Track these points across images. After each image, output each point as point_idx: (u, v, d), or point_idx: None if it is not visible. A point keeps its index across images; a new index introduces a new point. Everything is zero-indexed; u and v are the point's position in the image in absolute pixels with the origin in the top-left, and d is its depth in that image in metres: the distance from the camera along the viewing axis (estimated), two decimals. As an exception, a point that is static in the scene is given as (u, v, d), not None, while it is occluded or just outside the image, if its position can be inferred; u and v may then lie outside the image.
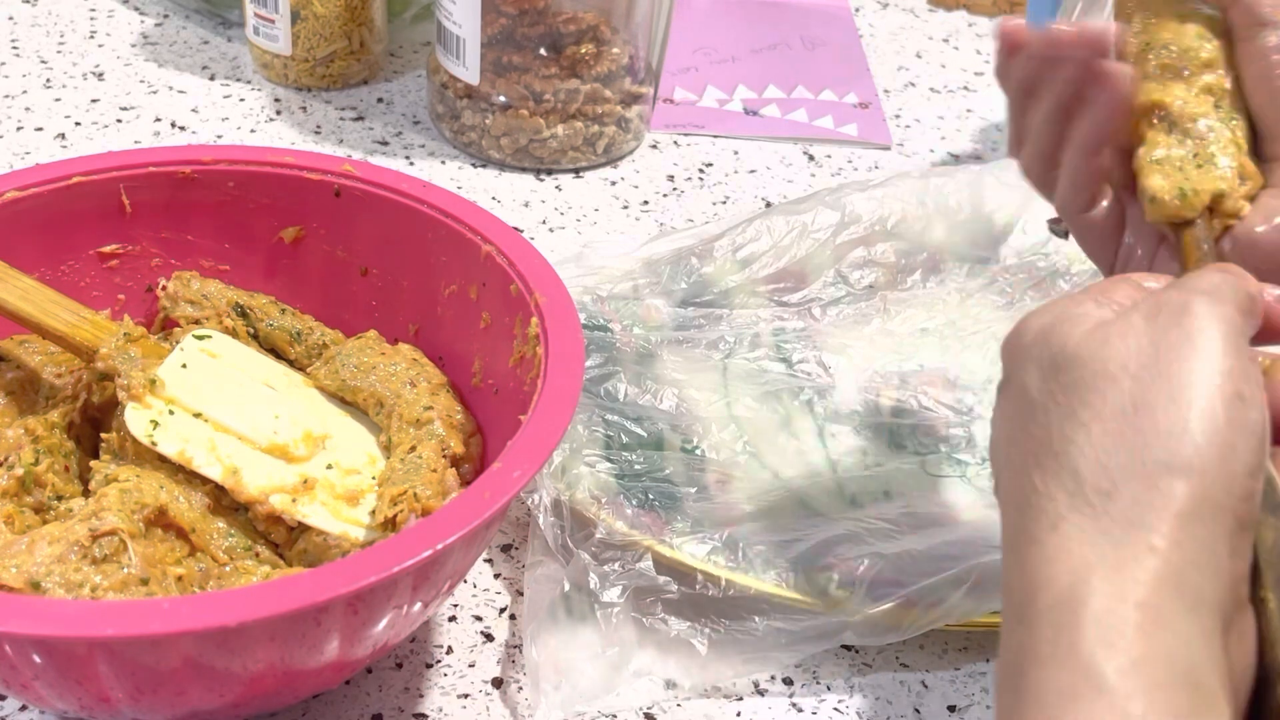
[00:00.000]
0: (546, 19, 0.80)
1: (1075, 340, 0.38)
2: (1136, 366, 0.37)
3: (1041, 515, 0.36)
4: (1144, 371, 0.37)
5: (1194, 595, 0.34)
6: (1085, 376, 0.37)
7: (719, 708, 0.53)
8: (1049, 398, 0.38)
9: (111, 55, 0.92)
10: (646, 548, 0.54)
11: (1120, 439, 0.36)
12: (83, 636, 0.39)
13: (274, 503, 0.52)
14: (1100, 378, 0.37)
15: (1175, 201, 0.48)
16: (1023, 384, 0.39)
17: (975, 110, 0.96)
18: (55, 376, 0.56)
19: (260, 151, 0.60)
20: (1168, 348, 0.37)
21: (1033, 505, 0.37)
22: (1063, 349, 0.38)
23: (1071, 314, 0.40)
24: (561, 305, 0.52)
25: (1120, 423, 0.36)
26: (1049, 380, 0.38)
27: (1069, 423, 0.37)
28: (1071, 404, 0.37)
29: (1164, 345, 0.37)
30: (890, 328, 0.67)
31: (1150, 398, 0.36)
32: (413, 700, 0.52)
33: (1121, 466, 0.35)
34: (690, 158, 0.87)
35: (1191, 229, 0.47)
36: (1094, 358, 0.37)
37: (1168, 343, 0.37)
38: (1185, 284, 0.39)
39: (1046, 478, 0.37)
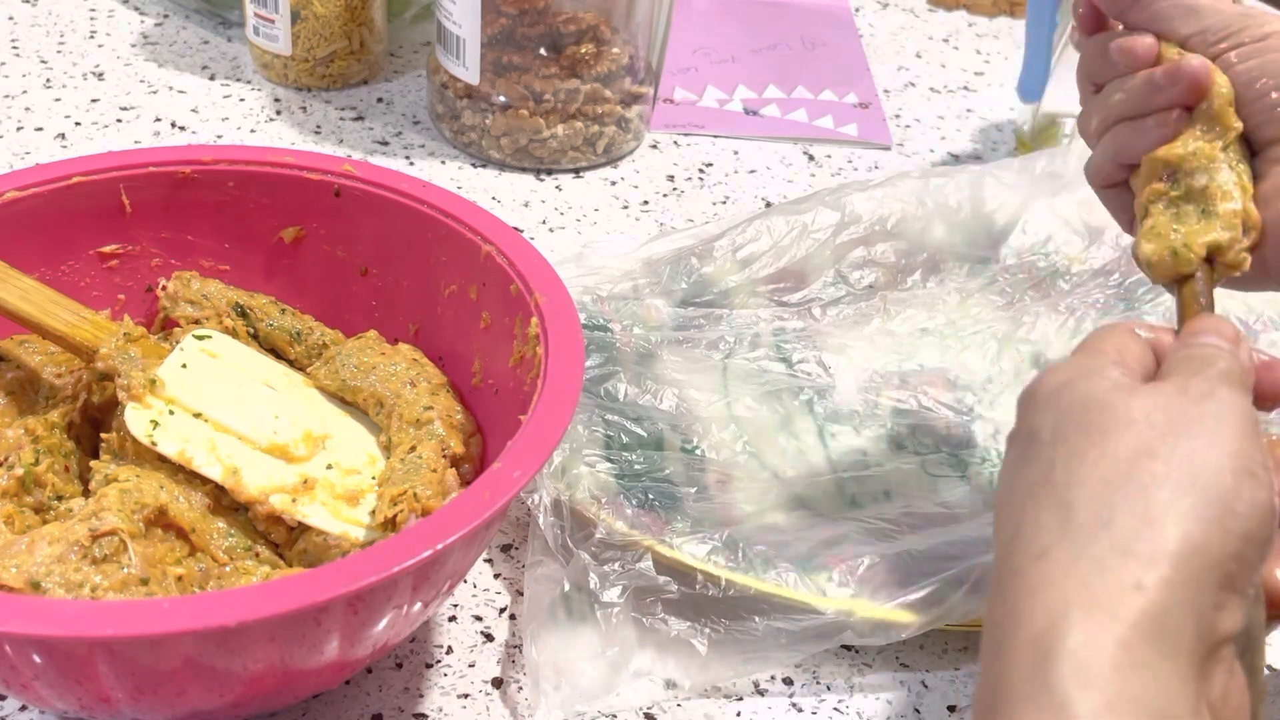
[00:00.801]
0: (546, 19, 0.80)
1: (1104, 390, 0.39)
2: (1161, 422, 0.38)
3: (1029, 545, 0.36)
4: (1165, 427, 0.37)
5: (1174, 639, 0.34)
6: (1105, 421, 0.38)
7: (719, 708, 0.53)
8: (1058, 437, 0.38)
9: (111, 55, 0.92)
10: (646, 548, 0.54)
11: (1126, 478, 0.36)
12: (83, 636, 0.39)
13: (274, 503, 0.52)
14: (1120, 423, 0.38)
15: (1168, 261, 0.48)
16: (1033, 429, 0.40)
17: (975, 110, 0.96)
18: (55, 376, 0.56)
19: (260, 151, 0.60)
20: (1190, 417, 0.38)
21: (1022, 535, 0.37)
22: (1090, 396, 0.39)
23: (1096, 369, 0.40)
24: (561, 305, 0.52)
25: (1127, 465, 0.37)
26: (1064, 422, 0.39)
27: (1075, 459, 0.37)
28: (1082, 444, 0.38)
29: (1187, 414, 0.38)
30: (890, 328, 0.67)
31: (1163, 450, 0.37)
32: (413, 700, 0.52)
33: (1122, 500, 0.36)
34: (690, 158, 0.87)
35: (1190, 283, 0.48)
36: (1117, 405, 0.38)
37: (1190, 414, 0.38)
38: (1210, 371, 0.40)
39: (1039, 508, 0.37)
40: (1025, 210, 0.73)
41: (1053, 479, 0.37)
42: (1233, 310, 0.69)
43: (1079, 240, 0.73)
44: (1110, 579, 0.34)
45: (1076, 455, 0.37)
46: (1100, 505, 0.36)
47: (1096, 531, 0.35)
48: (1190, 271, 0.48)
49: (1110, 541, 0.35)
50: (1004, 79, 0.99)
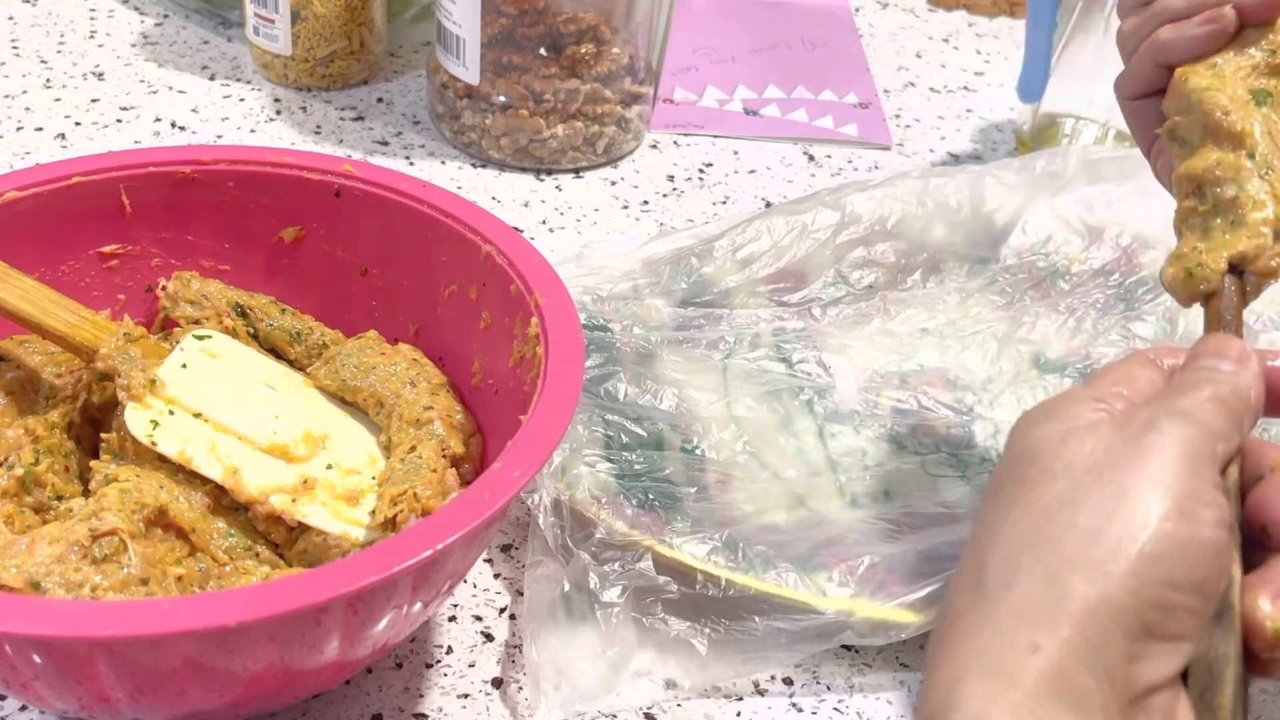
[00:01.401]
0: (546, 19, 0.80)
1: (1037, 437, 0.38)
2: (1081, 469, 0.36)
3: (948, 609, 0.36)
4: (1086, 475, 0.36)
5: (1079, 698, 0.33)
6: (1032, 473, 0.37)
7: (719, 708, 0.53)
8: (995, 490, 0.38)
9: (111, 55, 0.92)
10: (646, 548, 0.54)
11: (1036, 534, 0.35)
12: (83, 636, 0.39)
13: (274, 503, 0.52)
14: (1044, 475, 0.37)
15: (1185, 282, 0.47)
16: (994, 476, 0.39)
17: (975, 110, 0.96)
18: (55, 376, 0.56)
19: (260, 151, 0.60)
20: (1119, 457, 0.36)
21: (948, 598, 0.36)
22: (1024, 445, 0.38)
23: (1056, 409, 0.39)
24: (561, 305, 0.52)
25: (1042, 519, 0.36)
26: (1003, 474, 0.38)
27: (999, 516, 0.37)
28: (1009, 499, 0.37)
29: (1116, 455, 0.36)
30: (890, 328, 0.67)
31: (1080, 498, 0.36)
32: (413, 700, 0.52)
33: (1029, 561, 0.35)
34: (690, 158, 0.87)
35: (1215, 300, 0.46)
36: (1046, 454, 0.37)
37: (1121, 453, 0.37)
38: (1163, 401, 0.39)
39: (962, 570, 0.36)
40: (1025, 210, 0.73)
41: (979, 538, 0.37)
42: (1233, 310, 0.69)
43: (1079, 240, 0.73)
44: (1007, 643, 0.34)
45: (1002, 512, 0.37)
46: (1007, 566, 0.35)
47: (1000, 593, 0.35)
48: (1211, 289, 0.46)
49: (1011, 604, 0.34)
50: (1004, 79, 0.99)
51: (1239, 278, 0.46)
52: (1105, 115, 0.84)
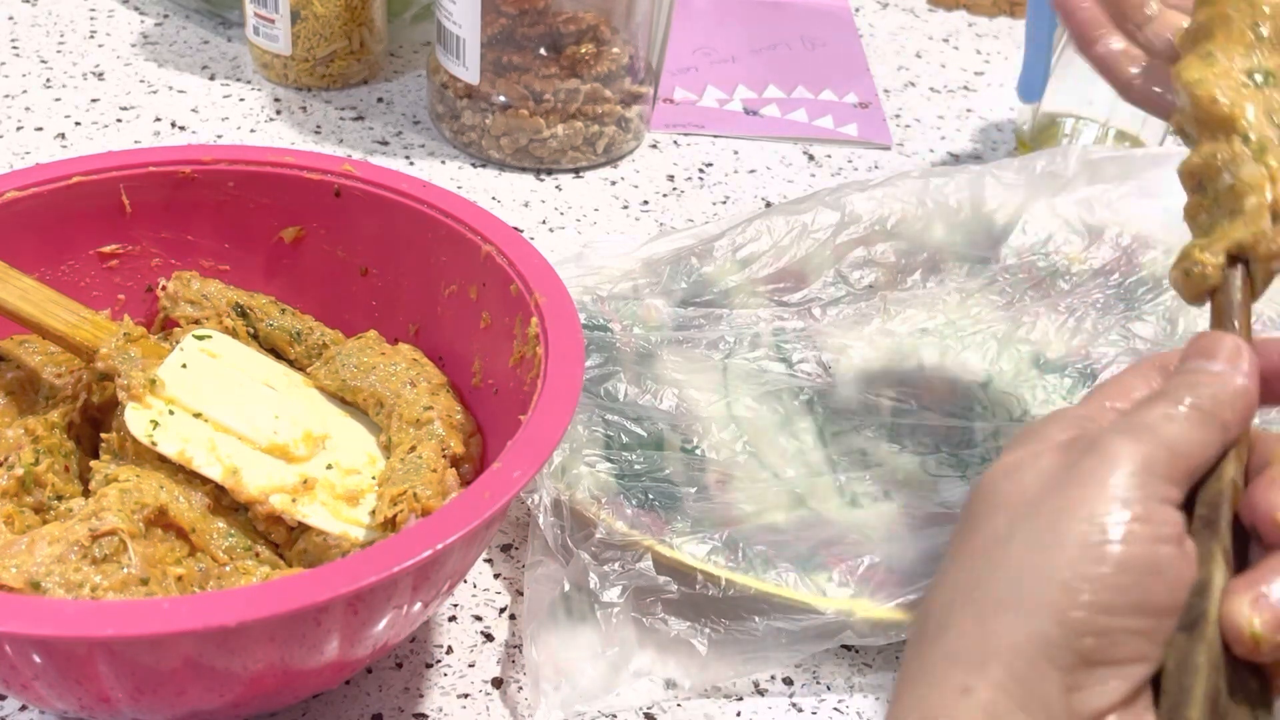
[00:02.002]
0: (546, 19, 0.80)
1: (992, 472, 0.37)
2: (1019, 502, 0.36)
3: (902, 664, 0.35)
4: (1024, 508, 0.35)
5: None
6: (979, 511, 0.36)
7: (719, 708, 0.53)
8: (955, 532, 0.37)
9: (111, 55, 0.92)
10: (646, 548, 0.54)
11: (971, 575, 0.35)
12: (83, 636, 0.39)
13: (274, 503, 0.52)
14: (987, 511, 0.36)
15: (1183, 282, 0.45)
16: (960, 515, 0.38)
17: (975, 110, 0.96)
18: (55, 376, 0.56)
19: (260, 151, 0.60)
20: (1055, 485, 0.36)
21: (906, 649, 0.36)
22: (982, 480, 0.37)
23: (1029, 436, 0.38)
24: (561, 305, 0.52)
25: (979, 559, 0.35)
26: (963, 512, 0.37)
27: (949, 561, 0.36)
28: (957, 542, 0.36)
29: (1055, 482, 0.36)
30: (890, 328, 0.67)
31: (1014, 533, 0.35)
32: (413, 700, 0.52)
33: (960, 603, 0.34)
34: (690, 158, 0.87)
35: (1218, 296, 0.44)
36: (994, 492, 0.37)
37: (1059, 480, 0.36)
38: (1124, 416, 0.38)
39: (914, 621, 0.36)
40: (1025, 210, 0.73)
41: (932, 584, 0.36)
42: (1233, 310, 0.69)
43: (1079, 240, 0.73)
44: (939, 688, 0.33)
45: (951, 555, 0.36)
46: (945, 610, 0.35)
47: (936, 638, 0.34)
48: (1212, 285, 0.44)
49: (944, 648, 0.34)
50: (1004, 79, 0.99)
51: (1244, 268, 0.44)
52: (1105, 115, 0.84)
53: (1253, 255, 0.44)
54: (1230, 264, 0.45)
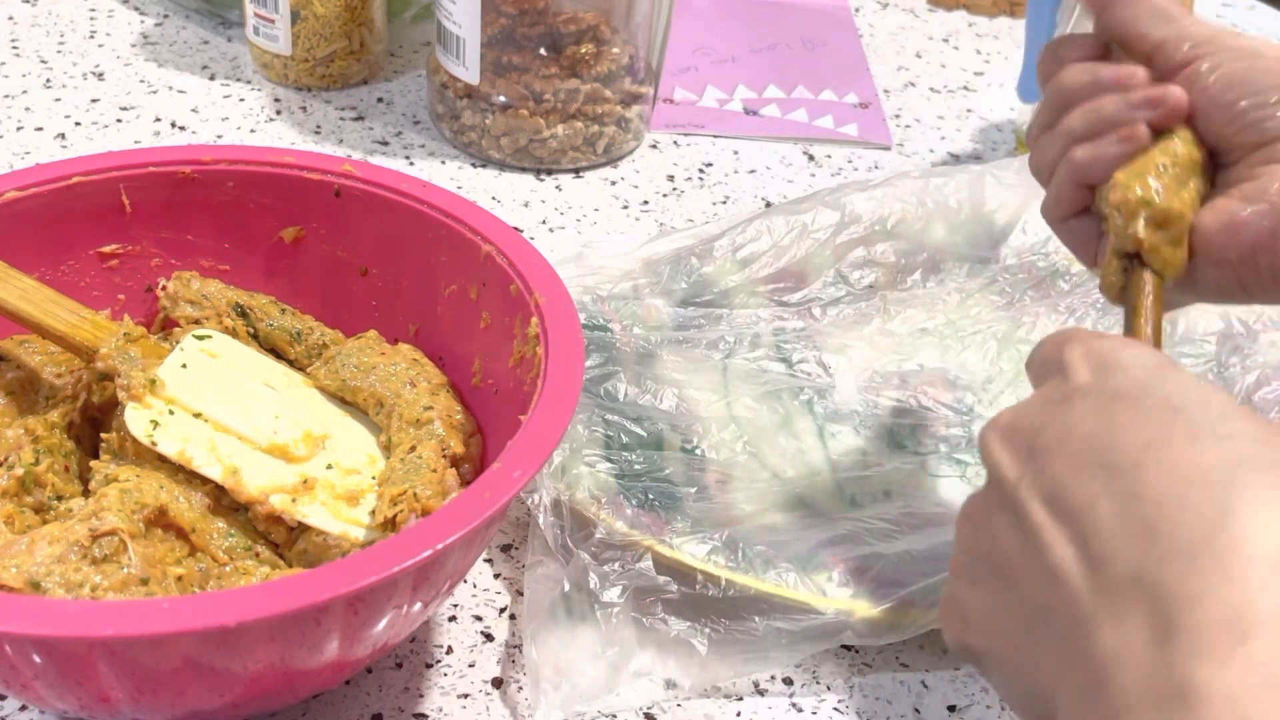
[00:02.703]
0: (546, 19, 0.80)
1: (1248, 410, 0.37)
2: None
3: (1263, 539, 0.33)
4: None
5: None
6: (1232, 404, 0.36)
7: (719, 708, 0.53)
8: (1237, 434, 0.36)
9: (111, 55, 0.92)
10: (646, 548, 0.54)
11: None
12: (83, 636, 0.39)
13: (274, 503, 0.52)
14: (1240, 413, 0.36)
15: (1104, 293, 0.49)
16: (1172, 402, 0.37)
17: (975, 110, 0.96)
18: (55, 376, 0.56)
19: (260, 151, 0.60)
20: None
21: (1243, 521, 0.33)
22: (1235, 407, 0.37)
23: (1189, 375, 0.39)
24: (561, 305, 0.52)
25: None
26: (1226, 421, 0.36)
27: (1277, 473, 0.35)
28: (1276, 458, 0.35)
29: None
30: (890, 328, 0.68)
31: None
32: (413, 700, 0.52)
33: None
34: (690, 158, 0.87)
35: (1126, 294, 0.48)
36: (1207, 391, 0.37)
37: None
38: None
39: (1261, 505, 0.33)
40: (1025, 210, 0.73)
41: (1263, 477, 0.34)
42: (1232, 311, 0.69)
43: (1079, 240, 0.73)
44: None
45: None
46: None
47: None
48: (1116, 284, 0.48)
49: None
50: (1004, 79, 0.99)
51: (1139, 262, 0.48)
52: (1105, 115, 0.84)
53: (1119, 234, 0.48)
54: (1128, 262, 0.48)
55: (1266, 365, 0.67)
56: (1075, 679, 0.35)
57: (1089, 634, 0.34)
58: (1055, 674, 0.36)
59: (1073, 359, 0.40)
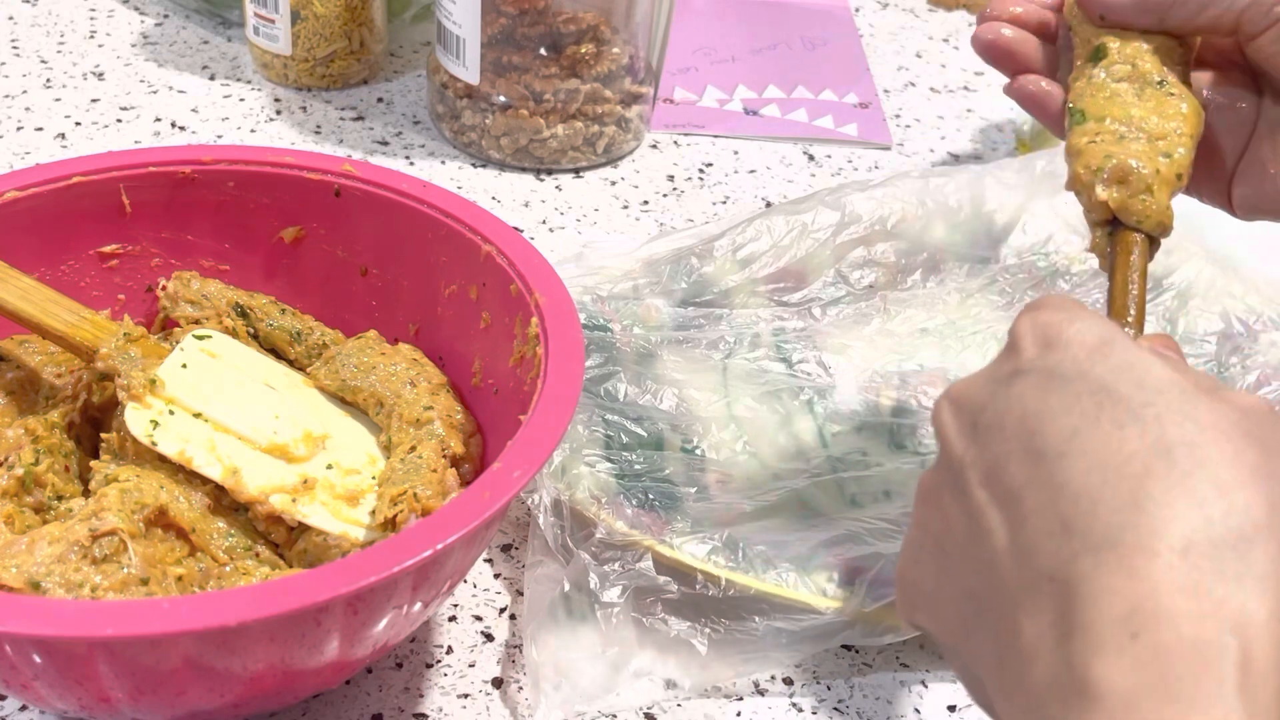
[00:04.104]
0: (546, 19, 0.80)
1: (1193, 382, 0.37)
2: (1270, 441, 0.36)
3: (1165, 531, 0.34)
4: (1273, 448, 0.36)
5: None
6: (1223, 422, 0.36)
7: (719, 708, 0.53)
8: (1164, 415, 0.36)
9: (111, 55, 0.92)
10: (646, 548, 0.54)
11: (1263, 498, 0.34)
12: (83, 636, 0.39)
13: (274, 503, 0.52)
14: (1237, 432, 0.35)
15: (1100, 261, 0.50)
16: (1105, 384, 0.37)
17: (975, 110, 0.96)
18: (55, 376, 0.56)
19: (260, 151, 0.60)
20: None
21: (1147, 512, 0.34)
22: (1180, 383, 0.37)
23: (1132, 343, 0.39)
24: (561, 305, 0.52)
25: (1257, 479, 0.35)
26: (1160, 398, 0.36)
27: (1201, 452, 0.35)
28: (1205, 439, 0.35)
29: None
30: (890, 328, 0.68)
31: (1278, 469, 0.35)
32: (413, 700, 0.52)
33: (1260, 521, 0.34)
34: (690, 158, 0.87)
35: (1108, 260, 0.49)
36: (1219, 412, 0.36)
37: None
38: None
39: (1172, 492, 0.34)
40: (1025, 210, 0.73)
41: (1178, 465, 0.35)
42: (1233, 310, 0.69)
43: (1079, 240, 0.73)
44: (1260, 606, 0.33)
45: (1201, 449, 0.35)
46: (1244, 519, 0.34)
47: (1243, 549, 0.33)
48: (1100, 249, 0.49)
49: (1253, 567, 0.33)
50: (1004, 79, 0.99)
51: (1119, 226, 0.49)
52: (1105, 115, 0.84)
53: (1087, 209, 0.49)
54: (1110, 228, 0.49)
55: (1266, 365, 0.67)
56: (1004, 667, 0.35)
57: (1014, 626, 0.35)
58: (989, 659, 0.36)
59: (1022, 331, 0.40)
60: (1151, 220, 0.48)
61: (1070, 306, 0.40)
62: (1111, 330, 0.39)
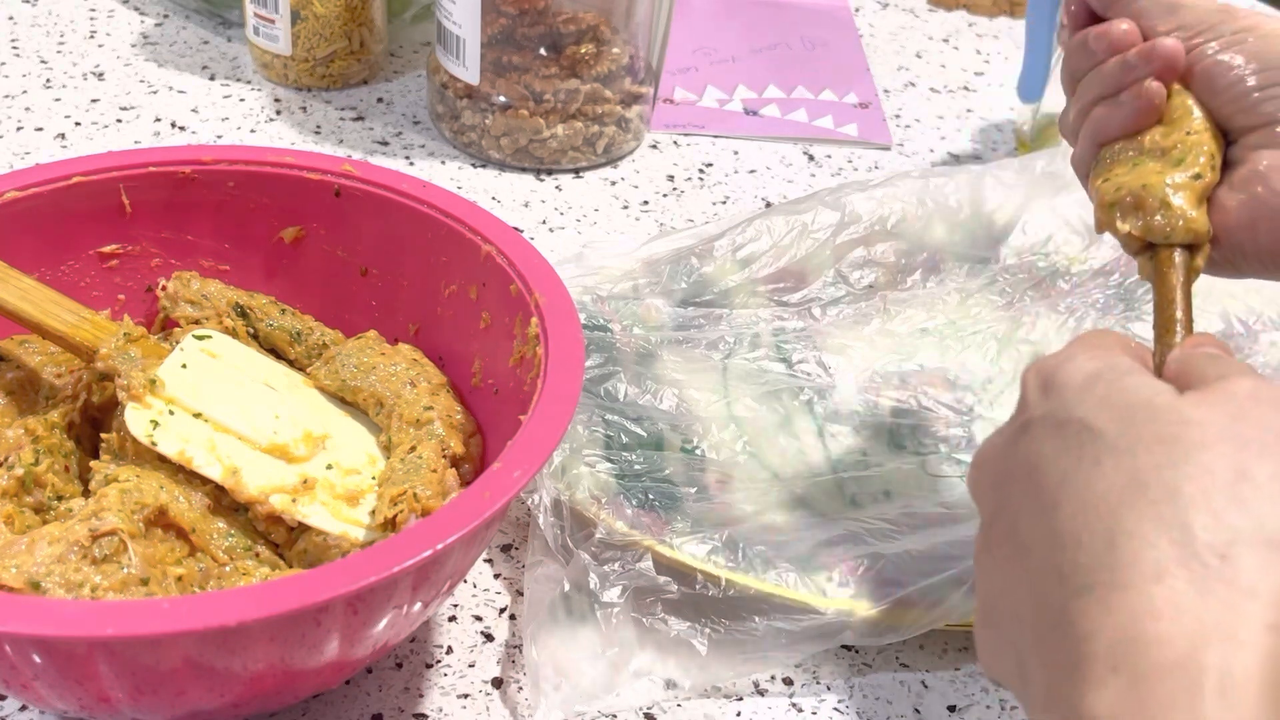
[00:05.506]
0: (546, 19, 0.80)
1: (1168, 396, 0.38)
2: (1249, 437, 0.36)
3: (1139, 561, 0.34)
4: (1254, 444, 0.36)
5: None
6: (1192, 434, 0.36)
7: (719, 708, 0.53)
8: (1136, 443, 0.37)
9: (111, 55, 0.92)
10: (646, 548, 0.54)
11: (1237, 503, 0.35)
12: (83, 636, 0.39)
13: (274, 503, 0.52)
14: (1212, 439, 0.36)
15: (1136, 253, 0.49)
16: (1084, 421, 0.38)
17: (975, 110, 0.96)
18: (55, 376, 0.56)
19: (260, 151, 0.60)
20: (1264, 426, 0.36)
21: (1121, 547, 0.35)
22: (1154, 401, 0.37)
23: (1132, 369, 0.39)
24: (561, 305, 0.52)
25: (1232, 487, 0.35)
26: (1135, 426, 0.37)
27: (1170, 473, 0.36)
28: (1174, 457, 0.36)
29: (1272, 427, 0.36)
30: (890, 328, 0.67)
31: (1258, 472, 0.35)
32: (413, 700, 0.52)
33: (1238, 531, 0.34)
34: (690, 158, 0.87)
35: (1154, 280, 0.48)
36: (1202, 420, 0.36)
37: (1263, 421, 0.36)
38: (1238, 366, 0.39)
39: (1143, 523, 0.35)
40: (1025, 210, 0.73)
41: (1148, 491, 0.35)
42: (1233, 310, 0.69)
43: (1079, 240, 0.73)
44: (1243, 618, 0.33)
45: (1170, 469, 0.36)
46: (1217, 534, 0.34)
47: (1219, 566, 0.34)
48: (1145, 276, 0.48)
49: (1235, 579, 0.34)
50: (1004, 79, 0.99)
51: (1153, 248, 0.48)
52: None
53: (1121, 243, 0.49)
54: (1150, 252, 0.48)
55: (1266, 365, 0.67)
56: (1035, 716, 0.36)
57: (1032, 675, 0.37)
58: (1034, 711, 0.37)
59: (1027, 381, 0.42)
60: (1179, 231, 0.47)
61: (1077, 345, 0.41)
62: (1102, 363, 0.40)
